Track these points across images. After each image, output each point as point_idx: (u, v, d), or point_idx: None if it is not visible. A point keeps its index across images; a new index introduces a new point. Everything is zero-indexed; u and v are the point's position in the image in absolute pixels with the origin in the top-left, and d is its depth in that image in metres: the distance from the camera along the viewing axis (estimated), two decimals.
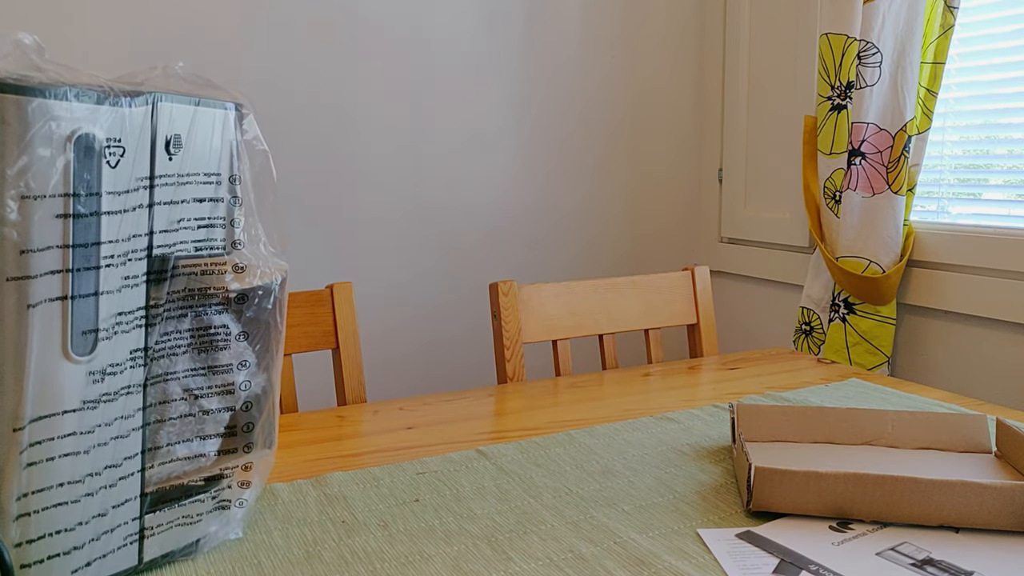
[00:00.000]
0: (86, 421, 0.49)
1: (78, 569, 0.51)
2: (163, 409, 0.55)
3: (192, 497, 0.58)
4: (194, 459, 0.57)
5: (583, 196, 1.92)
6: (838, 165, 1.52)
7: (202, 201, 0.56)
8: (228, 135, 0.57)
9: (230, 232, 0.58)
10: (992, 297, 1.36)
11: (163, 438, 0.55)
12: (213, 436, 0.58)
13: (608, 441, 0.84)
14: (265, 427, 0.62)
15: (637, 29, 1.94)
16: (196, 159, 0.55)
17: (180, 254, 0.55)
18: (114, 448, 0.52)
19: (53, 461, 0.48)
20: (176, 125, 0.53)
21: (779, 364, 1.18)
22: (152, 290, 0.53)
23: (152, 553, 0.56)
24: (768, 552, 0.60)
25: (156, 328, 0.54)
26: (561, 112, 1.87)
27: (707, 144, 2.03)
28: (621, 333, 1.26)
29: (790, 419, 0.82)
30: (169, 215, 0.54)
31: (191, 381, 0.57)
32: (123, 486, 0.53)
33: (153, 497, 0.55)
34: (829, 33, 1.48)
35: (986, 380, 1.40)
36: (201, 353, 0.57)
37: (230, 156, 0.58)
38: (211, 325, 0.57)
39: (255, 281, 0.59)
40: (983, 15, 1.43)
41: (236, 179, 0.58)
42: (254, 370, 0.60)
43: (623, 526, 0.64)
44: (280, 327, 0.61)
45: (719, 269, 1.99)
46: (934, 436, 0.80)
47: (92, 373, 0.50)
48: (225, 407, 0.59)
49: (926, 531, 0.63)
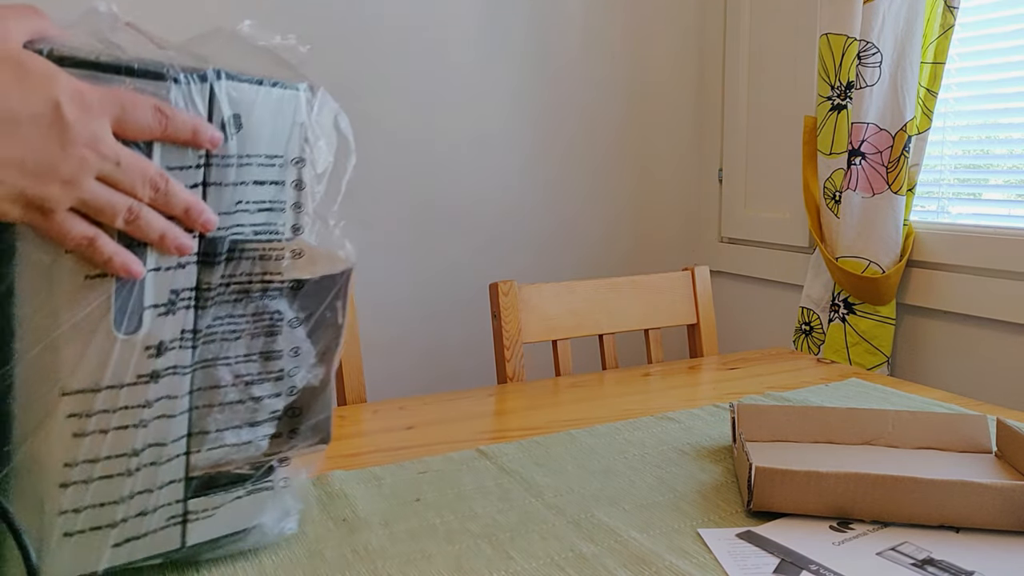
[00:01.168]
0: (136, 396, 0.50)
1: (119, 544, 0.51)
2: (212, 394, 0.54)
3: (239, 484, 0.57)
4: (242, 446, 0.56)
5: (583, 196, 1.92)
6: (838, 165, 1.52)
7: (262, 184, 0.54)
8: (296, 116, 0.55)
9: (293, 217, 0.56)
10: (992, 297, 1.36)
11: (211, 423, 0.54)
12: (263, 424, 0.57)
13: (609, 440, 0.84)
14: (320, 420, 0.60)
15: (638, 29, 1.94)
16: (257, 140, 0.53)
17: (237, 237, 0.53)
18: (160, 427, 0.52)
19: (105, 434, 0.49)
20: (237, 105, 0.52)
21: (779, 364, 1.18)
22: (204, 272, 0.52)
23: (196, 538, 0.55)
24: (768, 552, 0.60)
25: (208, 311, 0.53)
26: (562, 113, 1.87)
27: (707, 144, 2.03)
28: (621, 333, 1.26)
29: (790, 419, 0.82)
30: (225, 197, 0.52)
31: (242, 367, 0.55)
32: (168, 467, 0.53)
33: (199, 482, 0.55)
34: (829, 33, 1.48)
35: (986, 380, 1.40)
36: (254, 339, 0.55)
37: (297, 138, 0.55)
38: (266, 311, 0.55)
39: (317, 269, 0.57)
40: (983, 15, 1.43)
41: (301, 162, 0.56)
42: (310, 360, 0.58)
43: (624, 525, 0.65)
44: (340, 319, 0.59)
45: (719, 269, 1.99)
46: (934, 436, 0.80)
47: (148, 348, 0.50)
48: (276, 394, 0.57)
49: (926, 531, 0.63)
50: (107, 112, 0.45)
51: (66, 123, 0.44)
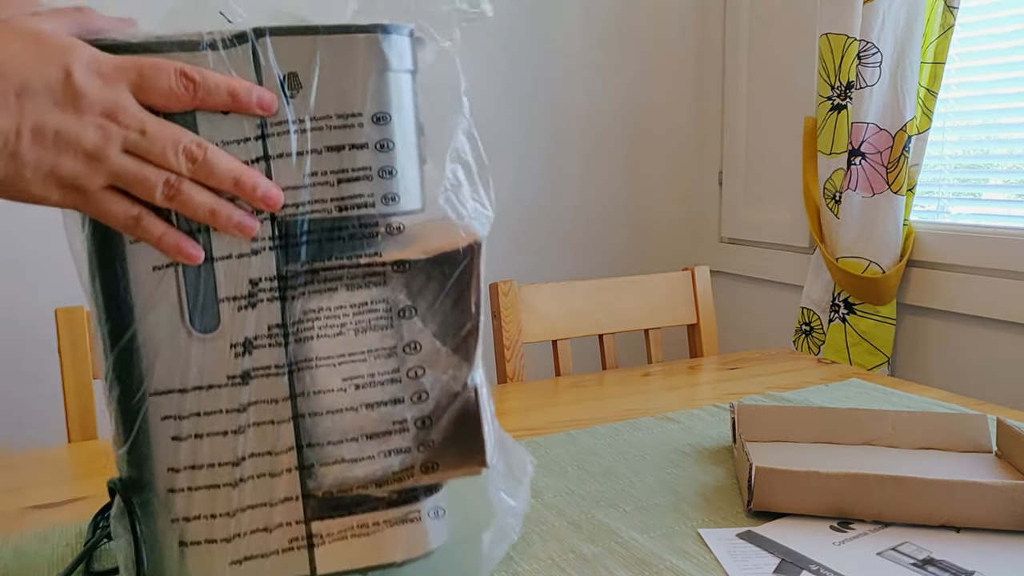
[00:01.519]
0: (227, 399, 0.46)
1: (238, 562, 0.47)
2: (318, 400, 0.47)
3: (372, 509, 0.49)
4: (364, 463, 0.48)
5: (583, 196, 1.92)
6: (838, 165, 1.52)
7: (339, 149, 0.46)
8: (376, 63, 0.46)
9: (383, 185, 0.47)
10: (992, 297, 1.36)
11: (322, 434, 0.48)
12: (386, 436, 0.48)
13: (609, 441, 0.84)
14: (463, 435, 0.50)
15: (637, 29, 1.94)
16: (325, 98, 0.45)
17: (317, 215, 0.46)
18: (261, 434, 0.47)
19: (200, 439, 0.46)
20: (291, 62, 0.45)
21: (779, 364, 1.18)
22: (285, 258, 0.46)
23: (330, 566, 0.49)
24: (769, 552, 0.60)
25: (296, 303, 0.47)
26: (561, 113, 1.87)
27: (707, 144, 2.03)
28: (621, 333, 1.26)
29: (791, 419, 0.82)
30: (293, 169, 0.46)
31: (348, 368, 0.48)
32: (280, 481, 0.48)
33: (320, 501, 0.48)
34: (829, 33, 1.48)
35: (986, 380, 1.40)
36: (359, 335, 0.48)
37: (377, 90, 0.46)
38: (367, 301, 0.48)
39: (427, 247, 0.48)
40: (983, 15, 1.43)
41: (384, 118, 0.47)
42: (438, 359, 0.49)
43: (624, 526, 0.65)
44: (471, 307, 0.49)
45: (719, 269, 1.99)
46: (935, 436, 0.80)
47: (234, 347, 0.46)
48: (396, 400, 0.49)
49: (927, 531, 0.63)
50: (124, 78, 0.43)
51: (79, 91, 0.42)
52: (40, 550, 0.62)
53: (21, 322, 1.42)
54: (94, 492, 0.73)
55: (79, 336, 0.95)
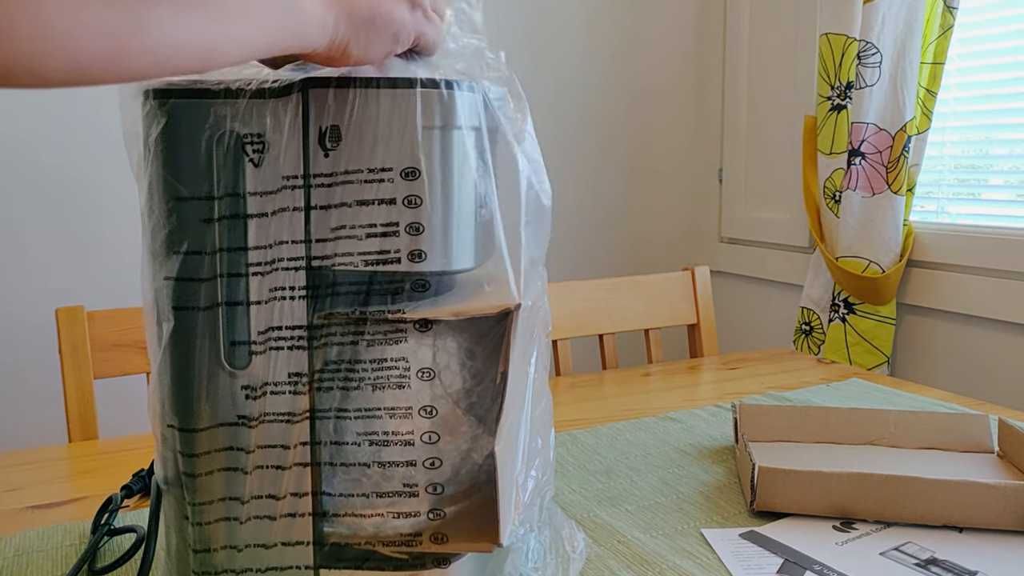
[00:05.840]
0: (241, 438, 0.46)
1: None
2: (337, 451, 0.47)
3: (378, 567, 0.48)
4: (374, 519, 0.47)
5: (583, 196, 1.92)
6: (838, 165, 1.52)
7: (368, 204, 0.46)
8: (411, 119, 0.46)
9: (410, 242, 0.46)
10: (992, 297, 1.36)
11: (337, 485, 0.47)
12: (395, 497, 0.47)
13: (610, 441, 0.84)
14: (475, 510, 0.47)
15: (638, 29, 1.94)
16: (362, 153, 0.45)
17: (342, 268, 0.46)
18: (275, 477, 0.47)
19: (211, 475, 0.47)
20: (334, 114, 0.45)
21: (779, 364, 1.18)
22: (313, 308, 0.46)
23: None
24: (772, 552, 0.60)
25: (321, 352, 0.46)
26: (562, 112, 1.87)
27: (707, 144, 2.03)
28: (621, 333, 1.26)
29: (792, 419, 0.82)
30: (326, 221, 0.45)
31: (364, 424, 0.47)
32: (292, 524, 0.47)
33: (330, 551, 0.48)
34: (829, 33, 1.48)
35: (986, 380, 1.40)
36: (376, 391, 0.47)
37: (410, 146, 0.46)
38: (387, 358, 0.47)
39: (455, 308, 0.47)
40: (983, 15, 1.43)
41: (414, 173, 0.46)
42: (456, 426, 0.47)
43: (627, 526, 0.64)
44: (496, 377, 0.47)
45: (719, 269, 1.99)
46: (936, 436, 0.80)
47: (246, 388, 0.46)
48: (408, 463, 0.47)
49: (930, 531, 0.63)
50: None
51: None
52: (41, 550, 0.62)
53: (21, 322, 1.42)
54: (94, 492, 0.73)
55: (79, 336, 0.95)
